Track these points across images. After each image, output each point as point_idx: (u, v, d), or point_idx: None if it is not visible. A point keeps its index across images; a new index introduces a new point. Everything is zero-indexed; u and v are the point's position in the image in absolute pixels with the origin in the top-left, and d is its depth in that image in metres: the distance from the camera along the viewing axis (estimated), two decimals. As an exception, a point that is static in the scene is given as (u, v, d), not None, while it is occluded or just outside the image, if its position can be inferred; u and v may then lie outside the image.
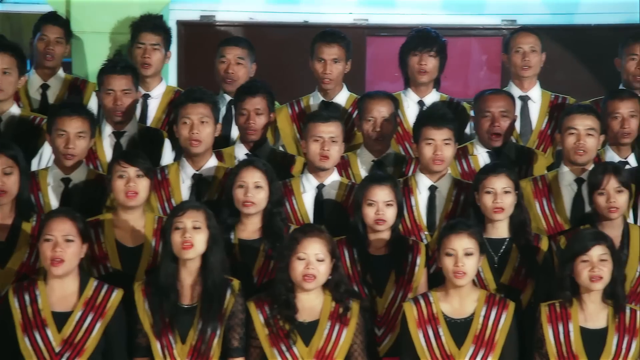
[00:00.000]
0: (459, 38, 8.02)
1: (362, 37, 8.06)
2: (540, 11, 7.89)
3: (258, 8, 7.98)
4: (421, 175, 5.26)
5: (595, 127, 5.20)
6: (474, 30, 7.99)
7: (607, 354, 4.57)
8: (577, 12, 7.94)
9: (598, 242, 4.59)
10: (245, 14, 7.79)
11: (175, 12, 7.89)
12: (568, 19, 7.99)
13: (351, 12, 8.05)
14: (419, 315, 4.64)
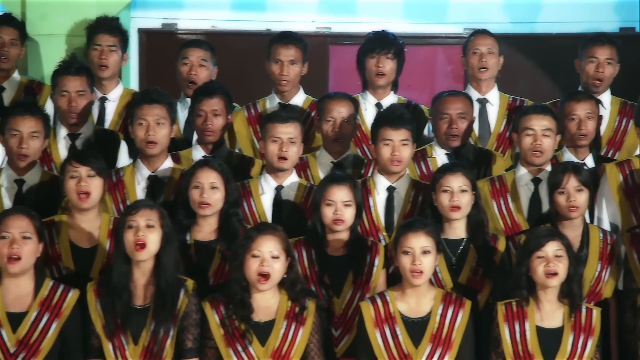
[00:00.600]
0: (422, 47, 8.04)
1: (324, 46, 8.06)
2: (503, 20, 7.91)
3: (221, 16, 7.96)
4: (379, 176, 5.24)
5: (552, 128, 5.20)
6: (437, 38, 8.00)
7: (563, 353, 4.55)
8: (539, 21, 7.97)
9: (553, 238, 4.58)
10: (207, 22, 7.77)
11: (137, 20, 7.86)
12: (530, 28, 8.02)
13: (314, 20, 8.05)
14: (376, 314, 4.61)
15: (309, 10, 8.00)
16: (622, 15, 7.98)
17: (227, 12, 7.96)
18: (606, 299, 5.00)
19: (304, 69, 5.96)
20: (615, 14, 7.94)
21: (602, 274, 4.96)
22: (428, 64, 7.91)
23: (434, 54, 7.97)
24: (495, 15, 7.76)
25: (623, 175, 5.25)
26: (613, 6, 7.95)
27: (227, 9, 7.96)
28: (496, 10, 7.78)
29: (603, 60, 5.83)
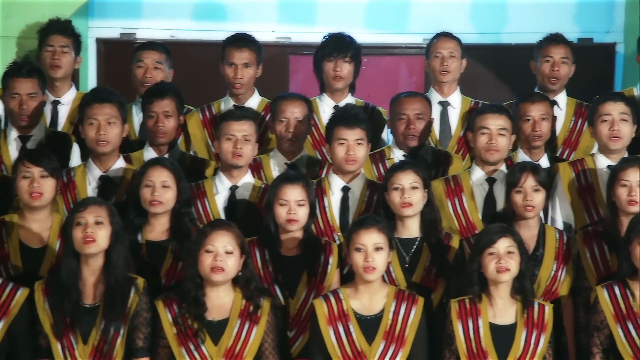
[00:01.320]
0: (384, 57, 8.05)
1: (284, 56, 8.05)
2: (466, 30, 7.93)
3: (180, 26, 7.94)
4: (334, 176, 5.21)
5: (507, 127, 5.20)
6: (398, 48, 8.01)
7: (516, 349, 4.53)
8: (503, 31, 8.00)
9: (504, 234, 4.57)
10: (166, 32, 7.74)
11: (95, 30, 7.83)
12: (494, 38, 8.05)
13: (274, 30, 8.04)
14: (329, 312, 4.57)
15: (269, 20, 8.00)
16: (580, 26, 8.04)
17: (187, 22, 7.95)
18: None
19: (258, 72, 5.93)
20: (574, 24, 7.99)
21: (557, 273, 4.94)
22: (390, 74, 7.91)
23: (396, 64, 7.98)
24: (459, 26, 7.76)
25: (576, 174, 5.26)
26: (573, 17, 8.01)
27: (187, 19, 7.95)
28: (460, 20, 7.81)
29: (558, 60, 5.84)
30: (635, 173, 4.84)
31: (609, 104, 5.23)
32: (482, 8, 8.06)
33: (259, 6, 7.89)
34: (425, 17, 7.50)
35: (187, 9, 7.95)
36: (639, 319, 4.52)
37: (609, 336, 4.56)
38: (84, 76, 7.46)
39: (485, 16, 8.07)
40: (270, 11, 8.04)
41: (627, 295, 4.56)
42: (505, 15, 7.98)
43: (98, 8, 7.93)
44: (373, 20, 8.06)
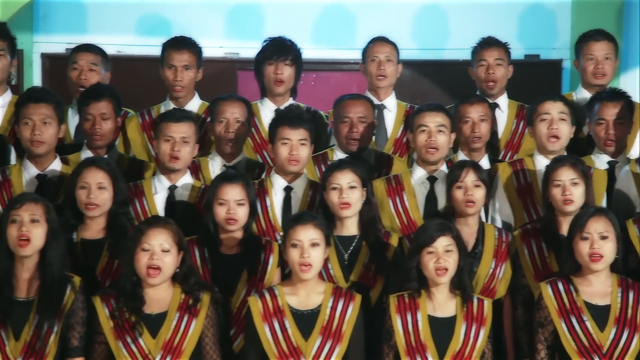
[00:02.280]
0: (333, 73, 8.08)
1: (233, 71, 8.07)
2: (411, 46, 7.99)
3: (126, 41, 7.93)
4: (276, 176, 5.18)
5: (446, 124, 5.20)
6: (346, 64, 8.05)
7: (456, 342, 4.50)
8: (446, 47, 8.05)
9: (443, 233, 4.54)
10: (112, 47, 7.70)
11: (40, 45, 7.81)
12: (437, 55, 8.10)
13: (222, 46, 8.05)
14: (264, 308, 4.52)
15: (216, 35, 8.03)
16: (526, 43, 8.12)
17: (133, 37, 7.95)
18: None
19: (199, 75, 5.90)
20: (519, 41, 8.07)
21: (496, 271, 4.92)
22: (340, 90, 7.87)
23: (346, 80, 8.01)
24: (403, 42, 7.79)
25: (515, 174, 5.27)
26: (518, 34, 8.09)
27: (133, 34, 7.95)
28: (405, 36, 7.86)
29: (493, 62, 5.85)
30: (568, 172, 4.85)
31: (548, 103, 5.26)
32: (424, 25, 8.14)
33: (206, 21, 7.92)
34: (370, 34, 7.50)
35: (133, 24, 7.97)
36: (582, 314, 4.51)
37: (553, 332, 4.54)
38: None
39: (428, 33, 8.14)
40: (217, 26, 8.07)
41: (571, 290, 4.55)
42: (449, 31, 8.05)
43: (43, 23, 7.92)
44: (321, 36, 8.10)
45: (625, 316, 4.51)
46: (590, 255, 4.49)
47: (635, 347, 4.49)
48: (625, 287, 4.56)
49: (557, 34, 8.17)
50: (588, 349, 4.47)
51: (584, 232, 4.50)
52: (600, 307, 4.52)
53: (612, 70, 5.86)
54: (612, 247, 4.51)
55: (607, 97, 5.46)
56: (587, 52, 5.83)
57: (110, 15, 7.96)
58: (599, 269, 4.51)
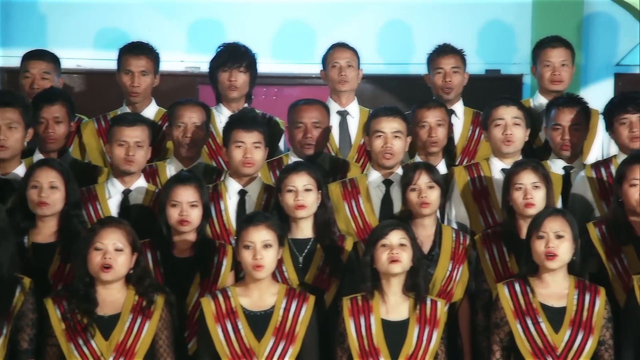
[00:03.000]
0: (294, 87, 8.07)
1: (194, 85, 8.04)
2: (376, 61, 8.00)
3: (85, 55, 7.89)
4: (231, 179, 5.15)
5: (402, 130, 5.19)
6: (307, 79, 8.04)
7: (408, 345, 4.47)
8: (411, 62, 8.07)
9: (397, 227, 4.54)
10: (72, 61, 7.67)
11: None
12: (402, 69, 8.12)
13: (183, 60, 8.03)
14: (217, 309, 4.48)
15: (178, 49, 8.01)
16: (487, 58, 8.16)
17: (92, 51, 7.91)
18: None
19: (156, 81, 5.87)
20: (480, 57, 8.11)
21: (453, 273, 4.91)
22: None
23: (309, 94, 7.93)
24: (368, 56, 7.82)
25: (471, 178, 5.27)
26: (479, 50, 8.13)
27: (92, 48, 7.90)
28: (369, 51, 7.87)
29: (449, 70, 5.87)
30: (529, 175, 4.85)
31: (502, 108, 5.26)
32: (389, 39, 8.16)
33: (167, 35, 7.88)
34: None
35: (93, 38, 7.93)
36: (537, 315, 4.50)
37: (509, 333, 4.52)
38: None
39: (392, 47, 8.16)
40: (179, 40, 8.05)
41: (527, 291, 4.53)
42: (413, 46, 8.07)
43: (3, 37, 7.87)
44: (282, 50, 8.10)
45: (580, 318, 4.50)
46: (546, 254, 4.48)
47: (590, 349, 4.48)
48: (582, 289, 4.55)
49: (517, 49, 8.22)
50: (542, 351, 4.45)
51: (540, 231, 4.50)
52: (555, 309, 4.51)
53: (569, 76, 5.88)
54: (568, 246, 4.51)
55: (564, 103, 5.48)
56: (544, 59, 5.85)
57: (69, 29, 7.93)
58: (553, 267, 4.50)
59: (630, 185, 4.83)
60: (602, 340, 4.51)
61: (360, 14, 8.10)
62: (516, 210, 4.85)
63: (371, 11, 8.15)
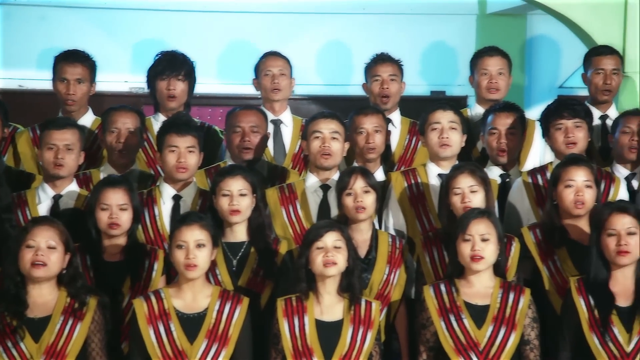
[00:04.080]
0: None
1: (138, 105, 7.91)
2: (315, 82, 8.01)
3: (28, 75, 7.82)
4: (165, 185, 5.11)
5: (339, 132, 5.18)
6: (252, 100, 7.99)
7: (342, 346, 4.44)
8: (351, 83, 8.08)
9: (332, 229, 4.51)
10: (14, 82, 7.61)
11: None
12: (342, 90, 8.13)
13: (127, 80, 7.98)
14: (149, 311, 4.43)
15: (121, 70, 7.96)
16: (432, 80, 8.19)
17: (35, 72, 7.84)
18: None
19: (92, 89, 5.83)
20: (425, 78, 8.15)
21: (390, 277, 4.88)
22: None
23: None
24: (308, 77, 7.85)
25: (408, 183, 5.26)
26: (423, 71, 8.17)
27: (34, 68, 7.84)
28: (309, 72, 7.88)
29: (387, 77, 5.88)
30: (466, 179, 4.85)
31: (438, 112, 5.27)
32: (329, 60, 8.16)
33: (111, 56, 7.83)
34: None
35: (35, 59, 7.86)
36: (461, 313, 4.50)
37: (435, 333, 4.52)
38: None
39: (332, 68, 8.17)
40: (123, 61, 8.00)
41: (452, 291, 4.54)
42: (353, 67, 8.08)
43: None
44: (226, 71, 8.08)
45: (503, 315, 4.51)
46: (472, 256, 4.48)
47: (512, 345, 4.49)
48: (507, 289, 4.56)
49: (461, 71, 8.24)
50: (465, 347, 4.45)
51: (466, 233, 4.51)
52: (479, 307, 4.52)
53: (506, 85, 5.92)
54: (493, 248, 4.53)
55: (500, 109, 5.52)
56: (481, 67, 5.90)
57: (12, 49, 7.86)
58: (479, 269, 4.52)
59: (565, 187, 4.86)
60: (527, 340, 4.53)
61: (302, 35, 8.10)
62: (455, 215, 4.83)
63: (312, 32, 8.16)
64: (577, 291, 4.55)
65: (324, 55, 8.17)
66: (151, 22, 7.99)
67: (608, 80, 5.94)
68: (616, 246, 4.51)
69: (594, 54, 6.05)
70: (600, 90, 5.94)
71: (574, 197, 4.84)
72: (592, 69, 5.99)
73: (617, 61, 6.00)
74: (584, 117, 5.34)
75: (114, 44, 7.99)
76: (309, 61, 8.04)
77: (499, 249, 4.55)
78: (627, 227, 4.51)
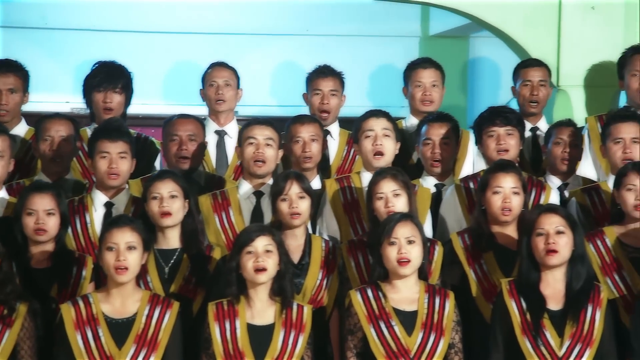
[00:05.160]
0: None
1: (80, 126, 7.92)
2: (268, 103, 8.03)
3: (-32, 95, 7.75)
4: (97, 192, 5.08)
5: (274, 138, 5.19)
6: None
7: (274, 349, 4.41)
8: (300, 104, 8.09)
9: (263, 233, 4.49)
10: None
11: None
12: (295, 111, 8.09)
13: (68, 101, 7.95)
14: (77, 316, 4.38)
15: (63, 90, 7.92)
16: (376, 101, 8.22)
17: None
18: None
19: (25, 99, 5.80)
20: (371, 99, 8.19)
21: (323, 282, 4.87)
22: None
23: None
24: (262, 99, 7.88)
25: (342, 190, 5.25)
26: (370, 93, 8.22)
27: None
28: (263, 93, 7.91)
29: (327, 92, 5.92)
30: (389, 184, 4.86)
31: (372, 119, 5.30)
32: (282, 81, 8.19)
33: (52, 76, 7.82)
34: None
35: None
36: (391, 319, 4.49)
37: (362, 339, 4.50)
38: None
39: (285, 89, 8.19)
40: (64, 82, 7.97)
41: (380, 296, 4.53)
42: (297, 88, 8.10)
43: None
44: (172, 92, 8.08)
45: (431, 321, 4.51)
46: (399, 260, 4.49)
47: (442, 351, 4.49)
48: (432, 293, 4.57)
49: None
50: (396, 354, 4.45)
51: (392, 237, 4.51)
52: (407, 313, 4.52)
53: (440, 97, 5.96)
54: (419, 251, 4.54)
55: (434, 119, 5.55)
56: (416, 79, 5.94)
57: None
58: (407, 273, 4.52)
59: (492, 193, 4.88)
60: (452, 344, 4.53)
61: (253, 55, 8.12)
62: (379, 219, 4.84)
63: (264, 53, 8.19)
64: (509, 293, 4.56)
65: (276, 76, 8.19)
66: (94, 43, 7.97)
67: (535, 91, 6.02)
68: (545, 245, 4.53)
69: (522, 67, 6.14)
70: (527, 102, 6.02)
71: (502, 203, 4.86)
72: (520, 80, 6.07)
73: (544, 73, 6.08)
74: (516, 125, 5.39)
75: (55, 65, 7.98)
76: (262, 82, 8.06)
77: (424, 252, 4.56)
78: (556, 227, 4.53)
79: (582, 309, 4.52)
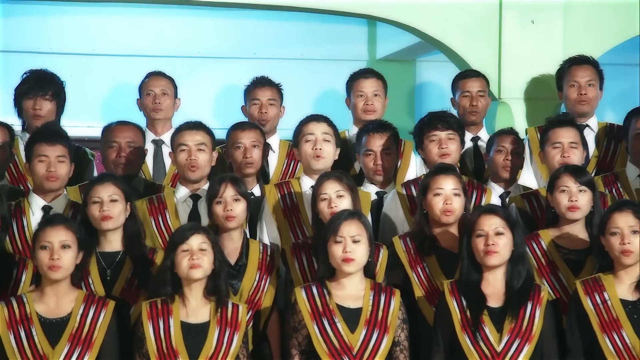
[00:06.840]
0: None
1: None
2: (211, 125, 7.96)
3: None
4: (35, 195, 5.05)
5: (206, 142, 5.20)
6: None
7: (208, 347, 4.39)
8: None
9: (197, 231, 4.48)
10: None
11: None
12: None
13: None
14: (10, 316, 4.34)
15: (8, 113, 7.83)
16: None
17: None
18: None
19: None
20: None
21: (260, 284, 4.86)
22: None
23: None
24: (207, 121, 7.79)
25: (282, 195, 5.25)
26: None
27: None
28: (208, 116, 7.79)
29: (265, 101, 5.94)
30: (332, 185, 4.87)
31: (312, 124, 5.32)
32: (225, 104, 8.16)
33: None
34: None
35: None
36: (334, 316, 4.48)
37: (307, 337, 4.49)
38: None
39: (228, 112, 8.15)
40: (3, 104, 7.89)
41: (324, 294, 4.52)
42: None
43: None
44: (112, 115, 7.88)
45: (375, 318, 4.51)
46: (343, 258, 4.48)
47: (385, 348, 4.48)
48: (378, 291, 4.56)
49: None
50: (339, 350, 4.44)
51: (338, 235, 4.51)
52: (352, 310, 4.51)
53: (382, 106, 5.98)
54: (364, 249, 4.53)
55: (374, 129, 5.55)
56: (357, 89, 5.96)
57: None
58: (351, 271, 4.52)
59: (433, 195, 4.89)
60: (397, 341, 4.52)
61: (199, 78, 8.10)
62: (323, 221, 4.83)
63: (210, 76, 8.18)
64: (450, 293, 4.56)
65: (216, 98, 8.16)
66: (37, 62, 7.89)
67: (474, 102, 6.07)
68: (484, 246, 4.53)
69: (461, 78, 6.20)
70: (467, 112, 6.07)
71: (443, 205, 4.87)
72: (459, 92, 6.12)
73: (482, 84, 6.14)
74: (457, 129, 5.43)
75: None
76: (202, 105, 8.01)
77: (370, 250, 4.55)
78: (495, 228, 4.54)
79: (521, 306, 4.53)
